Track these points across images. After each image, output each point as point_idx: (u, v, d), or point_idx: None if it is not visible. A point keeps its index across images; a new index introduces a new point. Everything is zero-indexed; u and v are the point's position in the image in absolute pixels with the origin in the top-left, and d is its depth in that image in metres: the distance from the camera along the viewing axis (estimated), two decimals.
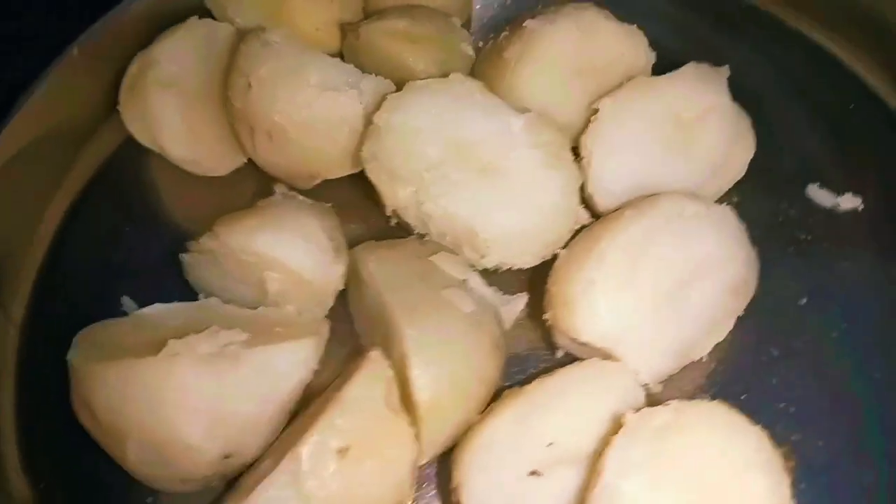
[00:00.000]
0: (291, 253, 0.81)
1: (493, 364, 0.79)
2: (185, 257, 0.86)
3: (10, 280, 0.92)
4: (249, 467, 0.75)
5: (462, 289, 0.80)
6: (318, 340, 0.77)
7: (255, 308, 0.82)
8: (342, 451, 0.69)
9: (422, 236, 0.89)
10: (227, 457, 0.72)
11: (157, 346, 0.72)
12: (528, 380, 0.79)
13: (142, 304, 0.84)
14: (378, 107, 0.85)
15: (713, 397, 0.84)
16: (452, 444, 0.77)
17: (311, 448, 0.68)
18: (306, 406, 0.77)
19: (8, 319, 0.90)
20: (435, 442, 0.76)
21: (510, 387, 0.80)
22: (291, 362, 0.74)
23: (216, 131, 0.97)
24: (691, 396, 0.85)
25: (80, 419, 0.76)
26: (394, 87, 0.89)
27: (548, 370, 0.79)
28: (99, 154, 1.03)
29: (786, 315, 0.91)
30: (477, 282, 0.83)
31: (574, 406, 0.75)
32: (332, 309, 0.87)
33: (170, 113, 0.95)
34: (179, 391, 0.70)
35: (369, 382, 0.72)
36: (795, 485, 0.79)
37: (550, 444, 0.73)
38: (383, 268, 0.81)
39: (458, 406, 0.76)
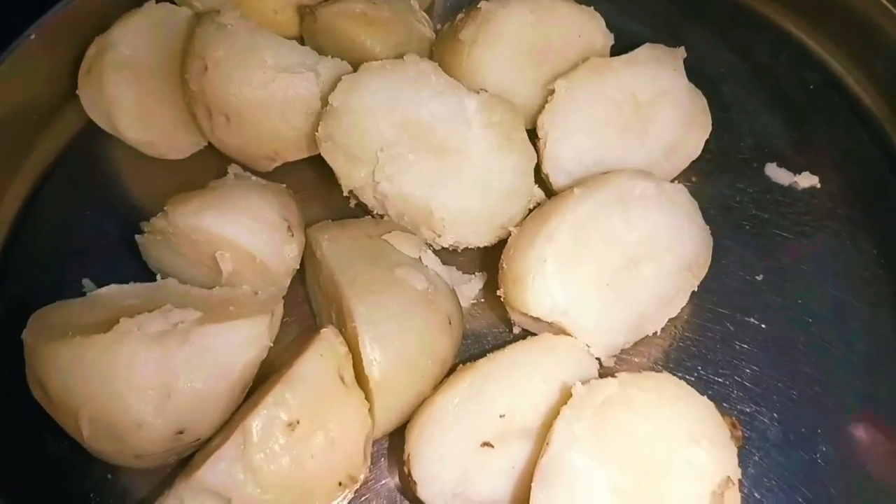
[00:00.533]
0: (241, 232, 0.81)
1: (446, 341, 0.80)
2: (139, 238, 0.87)
3: None
4: (204, 444, 0.76)
5: (415, 267, 0.81)
6: (270, 319, 0.77)
7: (212, 288, 0.82)
8: (291, 425, 0.70)
9: (380, 216, 0.89)
10: (179, 433, 0.73)
11: (109, 325, 0.72)
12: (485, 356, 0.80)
13: (102, 286, 0.84)
14: (334, 88, 0.86)
15: (669, 371, 0.86)
16: (406, 419, 0.78)
17: (260, 421, 0.69)
18: (262, 384, 0.78)
19: None
20: (387, 417, 0.77)
21: (467, 362, 0.81)
22: (241, 340, 0.74)
23: (173, 114, 0.97)
24: (646, 370, 0.86)
25: (36, 397, 0.76)
26: (350, 69, 0.90)
27: (504, 347, 0.80)
28: (59, 137, 1.03)
29: (742, 291, 0.93)
30: (431, 260, 0.84)
31: (525, 379, 0.76)
32: (291, 290, 0.88)
33: (125, 96, 0.95)
34: (129, 368, 0.70)
35: (320, 358, 0.73)
36: (749, 456, 0.82)
37: (502, 416, 0.74)
38: (336, 247, 0.82)
39: (410, 382, 0.77)
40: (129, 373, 0.70)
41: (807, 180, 1.01)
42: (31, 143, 1.01)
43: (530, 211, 0.88)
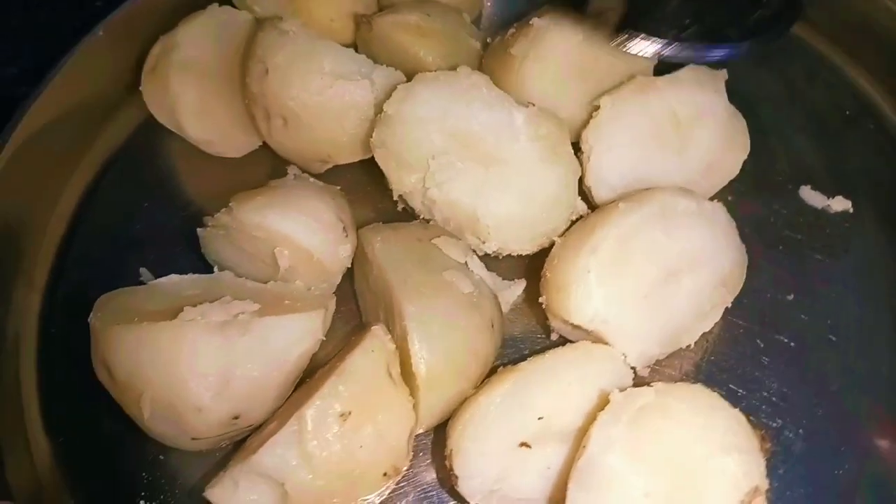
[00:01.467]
0: (300, 230, 0.85)
1: (489, 342, 0.83)
2: (201, 231, 0.90)
3: (33, 249, 0.97)
4: (256, 429, 0.80)
5: (461, 271, 0.85)
6: (324, 314, 0.81)
7: (266, 283, 0.86)
8: (344, 416, 0.73)
9: (427, 221, 0.93)
10: (235, 418, 0.77)
11: (172, 313, 0.76)
12: (523, 360, 0.83)
13: (157, 276, 0.88)
14: (388, 96, 0.89)
15: (700, 383, 0.89)
16: (448, 415, 0.81)
17: (315, 411, 0.73)
18: (312, 376, 0.82)
19: (31, 285, 0.95)
20: (431, 413, 0.81)
21: (507, 365, 0.84)
22: (297, 332, 0.78)
23: (232, 114, 1.01)
24: (678, 381, 0.89)
25: (100, 378, 0.80)
26: (404, 78, 0.94)
27: (542, 352, 0.83)
28: (120, 131, 1.07)
29: (773, 310, 0.95)
30: (476, 265, 0.88)
31: (564, 384, 0.79)
32: (339, 288, 0.91)
33: (188, 94, 0.99)
34: (191, 355, 0.74)
35: (371, 354, 0.77)
36: (774, 469, 0.84)
37: (540, 418, 0.77)
38: (388, 248, 0.85)
39: (454, 380, 0.80)
40: (191, 359, 0.74)
41: (840, 204, 1.03)
42: (93, 135, 1.05)
43: (573, 223, 0.91)
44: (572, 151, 0.92)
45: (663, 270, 0.84)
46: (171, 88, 0.99)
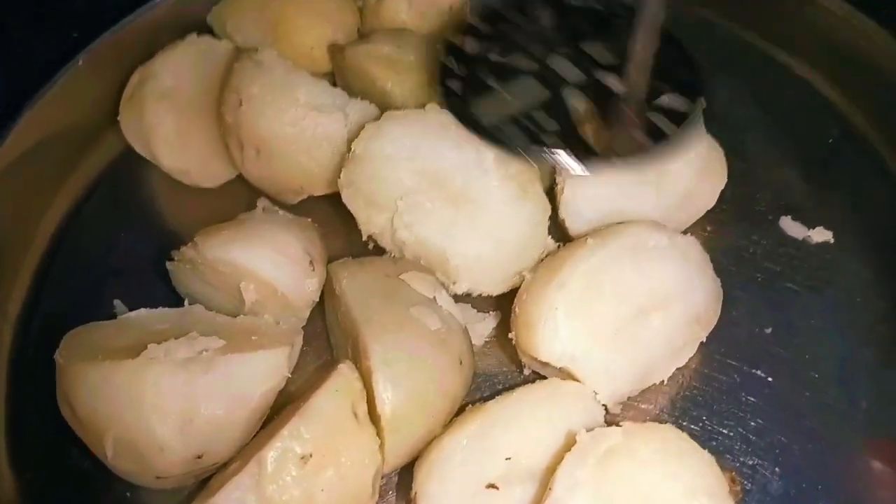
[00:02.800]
0: (265, 264, 0.85)
1: (458, 380, 0.83)
2: (169, 265, 0.91)
3: (6, 278, 0.97)
4: (221, 468, 0.79)
5: (429, 307, 0.84)
6: (290, 350, 0.80)
7: (236, 316, 0.86)
8: (304, 458, 0.72)
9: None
10: (198, 457, 0.76)
11: (138, 350, 0.76)
12: (495, 396, 0.82)
13: (133, 307, 0.88)
14: (361, 130, 0.89)
15: (674, 420, 0.88)
16: (415, 455, 0.80)
17: (275, 453, 0.72)
18: (279, 413, 0.81)
19: (3, 317, 0.95)
20: (397, 453, 0.80)
21: (477, 402, 0.83)
22: (262, 370, 0.78)
23: (208, 144, 1.01)
24: (652, 418, 0.88)
25: (64, 415, 0.80)
26: (378, 112, 0.94)
27: (514, 387, 0.83)
28: (99, 161, 1.08)
29: (750, 344, 0.94)
30: (445, 300, 0.87)
31: (532, 423, 0.78)
32: (311, 322, 0.91)
33: (164, 124, 1.00)
34: (154, 393, 0.74)
35: (335, 393, 0.76)
36: None
37: (508, 458, 0.77)
38: (354, 285, 0.85)
39: (421, 420, 0.79)
40: (154, 397, 0.74)
41: (821, 235, 1.02)
42: (72, 165, 1.06)
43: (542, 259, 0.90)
44: (542, 191, 0.92)
45: (634, 307, 0.83)
46: (146, 118, 1.00)
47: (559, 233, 0.95)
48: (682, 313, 0.85)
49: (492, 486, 0.76)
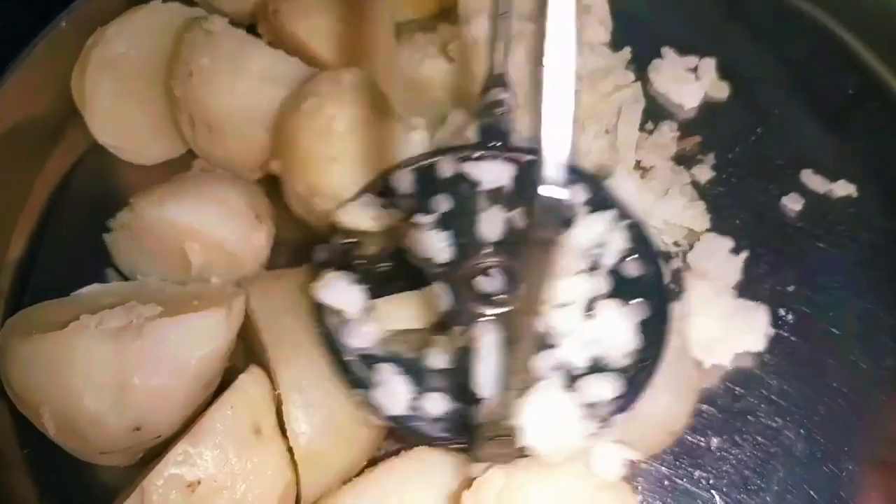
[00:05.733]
0: (206, 220, 0.80)
1: None
2: (107, 237, 0.86)
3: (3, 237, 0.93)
4: (168, 442, 0.74)
5: None
6: (227, 312, 0.74)
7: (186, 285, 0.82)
8: (191, 486, 0.67)
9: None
10: (136, 429, 0.72)
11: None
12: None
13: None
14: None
15: None
16: (339, 485, 0.73)
17: (160, 481, 0.66)
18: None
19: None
20: (315, 490, 0.73)
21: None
22: (195, 334, 0.72)
23: (149, 119, 0.95)
24: None
25: (8, 394, 0.77)
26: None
27: None
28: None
29: (773, 302, 0.89)
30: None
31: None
32: None
33: (101, 93, 0.94)
34: (84, 364, 0.70)
35: (231, 411, 0.70)
36: (774, 472, 0.80)
37: None
38: (264, 302, 0.76)
39: (340, 451, 0.73)
40: (85, 368, 0.70)
41: (843, 188, 0.96)
42: (62, 131, 1.01)
43: None
44: None
45: None
46: (85, 85, 0.94)
47: None
48: None
49: None
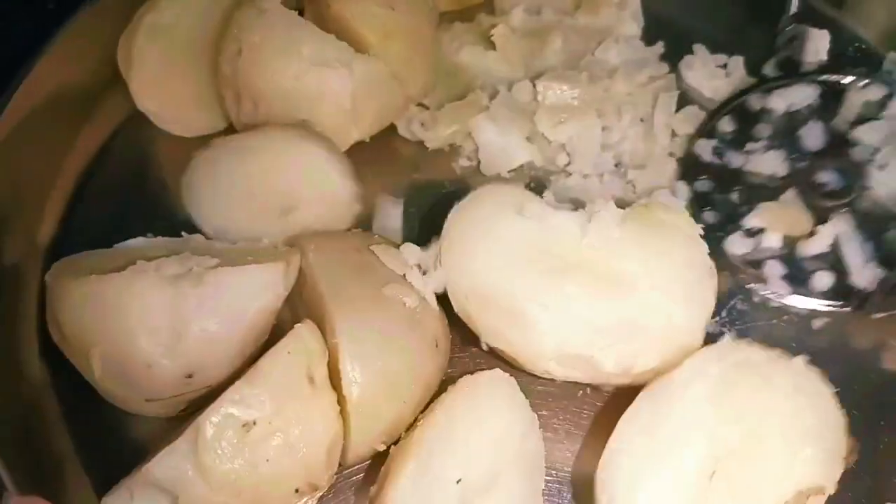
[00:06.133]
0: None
1: (432, 364, 0.77)
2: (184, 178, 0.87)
3: (34, 211, 0.94)
4: (214, 391, 0.73)
5: (405, 285, 0.78)
6: (285, 267, 0.75)
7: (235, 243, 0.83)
8: (247, 426, 0.67)
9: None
10: (188, 377, 0.72)
11: (125, 268, 0.72)
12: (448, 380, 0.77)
13: None
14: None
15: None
16: (385, 443, 0.74)
17: (215, 419, 0.67)
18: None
19: (33, 251, 0.92)
20: (364, 441, 0.74)
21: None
22: (255, 286, 0.73)
23: (193, 91, 0.96)
24: None
25: (53, 337, 0.77)
26: (385, 68, 0.90)
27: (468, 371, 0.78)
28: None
29: None
30: (417, 278, 0.80)
31: (464, 436, 0.72)
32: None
33: (148, 60, 0.94)
34: (140, 307, 0.70)
35: (287, 356, 0.70)
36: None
37: (458, 481, 0.70)
38: (322, 258, 0.78)
39: (390, 405, 0.73)
40: (141, 312, 0.70)
41: None
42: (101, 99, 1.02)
43: None
44: None
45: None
46: (132, 51, 0.94)
47: None
48: None
49: None
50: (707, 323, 0.78)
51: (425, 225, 0.89)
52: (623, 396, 0.75)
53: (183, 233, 0.86)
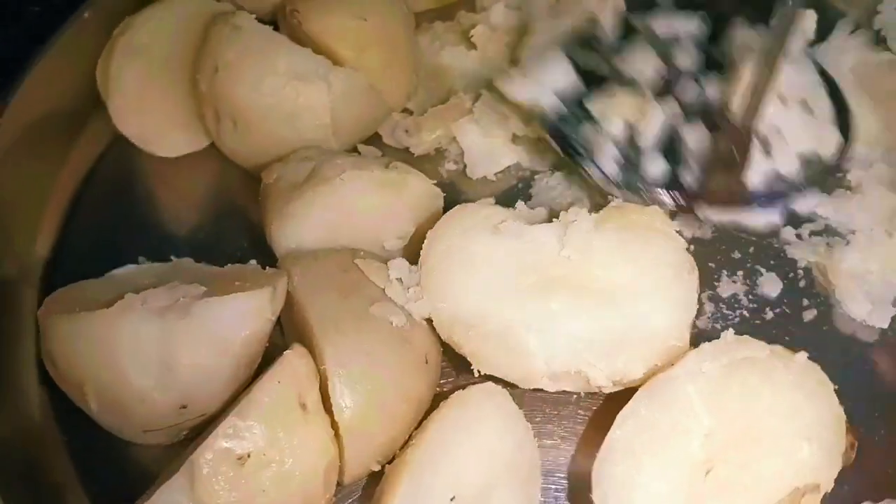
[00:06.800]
0: None
1: (422, 381, 0.77)
2: None
3: (26, 240, 0.94)
4: (211, 419, 0.75)
5: (392, 302, 0.78)
6: (271, 292, 0.75)
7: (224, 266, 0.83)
8: (241, 459, 0.67)
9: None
10: (182, 407, 0.73)
11: (117, 301, 0.73)
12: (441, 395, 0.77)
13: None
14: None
15: None
16: (379, 463, 0.75)
17: (209, 455, 0.67)
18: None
19: (27, 281, 0.92)
20: (358, 462, 0.74)
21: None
22: (241, 313, 0.73)
23: (172, 111, 0.96)
24: None
25: (49, 372, 0.78)
26: (363, 80, 0.90)
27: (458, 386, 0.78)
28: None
29: None
30: (398, 293, 0.79)
31: (456, 451, 0.72)
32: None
33: (126, 82, 0.95)
34: (130, 343, 0.71)
35: (278, 385, 0.70)
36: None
37: (452, 499, 0.70)
38: (307, 280, 0.78)
39: (383, 426, 0.74)
40: (131, 346, 0.71)
41: None
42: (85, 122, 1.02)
43: None
44: None
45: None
46: (110, 72, 0.94)
47: None
48: None
49: None
50: (691, 323, 0.78)
51: (415, 239, 0.88)
52: (618, 400, 0.75)
53: (172, 257, 0.87)
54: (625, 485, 0.71)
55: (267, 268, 0.82)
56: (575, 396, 0.84)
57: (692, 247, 0.85)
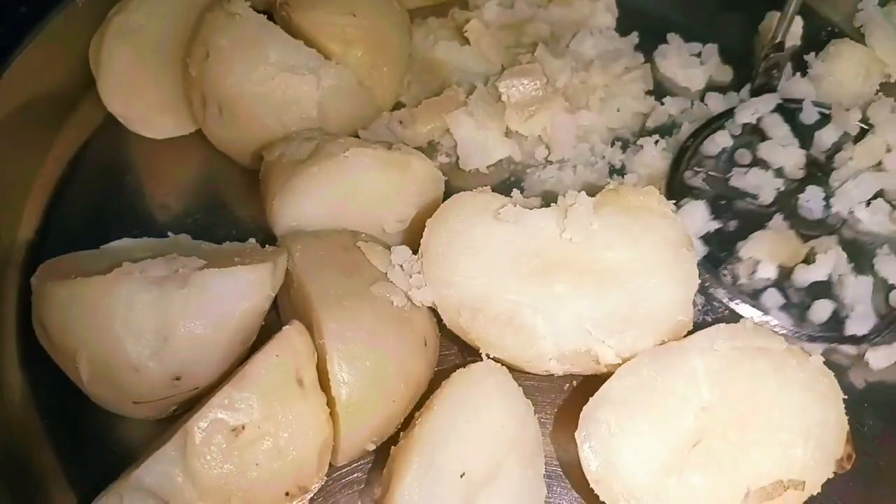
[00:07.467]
0: None
1: (421, 362, 0.77)
2: None
3: (11, 223, 0.93)
4: (203, 393, 0.74)
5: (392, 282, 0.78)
6: (272, 268, 0.74)
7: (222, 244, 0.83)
8: (236, 430, 0.67)
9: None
10: (176, 379, 0.71)
11: (110, 270, 0.72)
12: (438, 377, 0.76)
13: None
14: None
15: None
16: (374, 443, 0.75)
17: (203, 423, 0.66)
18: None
19: (10, 263, 0.91)
20: (354, 442, 0.74)
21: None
22: (240, 286, 0.72)
23: (162, 94, 0.96)
24: None
25: (40, 341, 0.76)
26: (353, 77, 0.90)
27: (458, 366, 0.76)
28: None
29: None
30: (399, 276, 0.79)
31: (462, 429, 0.72)
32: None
33: (117, 61, 0.94)
34: (125, 310, 0.69)
35: (275, 359, 0.70)
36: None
37: (462, 475, 0.70)
38: (309, 257, 0.78)
39: (380, 405, 0.73)
40: (126, 314, 0.69)
41: None
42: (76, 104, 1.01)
43: None
44: None
45: None
46: (102, 52, 0.93)
47: None
48: None
49: None
50: (693, 296, 0.79)
51: (415, 222, 0.88)
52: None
53: (169, 233, 0.86)
54: (610, 430, 0.72)
55: (266, 246, 0.81)
56: (567, 385, 0.84)
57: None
